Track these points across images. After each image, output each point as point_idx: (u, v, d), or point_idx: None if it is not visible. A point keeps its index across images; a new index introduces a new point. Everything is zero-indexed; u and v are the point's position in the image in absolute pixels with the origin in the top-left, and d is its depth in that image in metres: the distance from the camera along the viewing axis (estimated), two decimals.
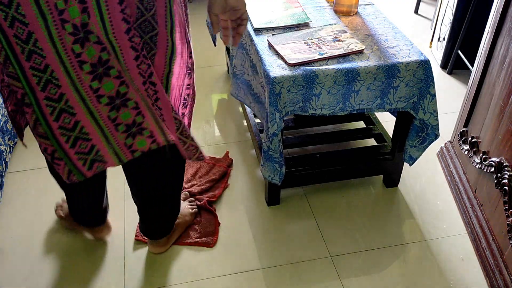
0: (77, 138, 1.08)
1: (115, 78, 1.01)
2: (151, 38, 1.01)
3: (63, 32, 0.91)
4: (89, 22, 0.91)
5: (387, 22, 1.66)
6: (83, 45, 0.94)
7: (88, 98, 1.02)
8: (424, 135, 1.57)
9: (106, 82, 1.01)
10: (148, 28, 0.99)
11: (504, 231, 1.42)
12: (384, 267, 1.53)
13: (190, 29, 1.18)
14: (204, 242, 1.60)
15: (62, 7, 0.88)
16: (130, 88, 1.04)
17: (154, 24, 1.00)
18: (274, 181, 1.58)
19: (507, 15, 1.47)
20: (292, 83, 1.39)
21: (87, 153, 1.11)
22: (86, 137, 1.09)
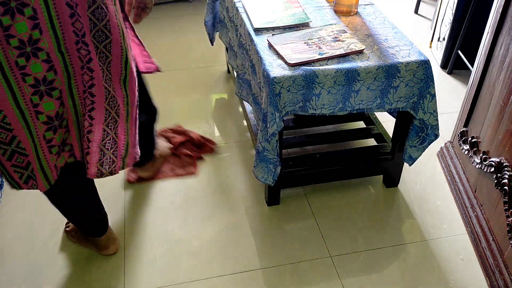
0: (14, 152, 1.09)
1: (56, 99, 1.05)
2: (105, 47, 1.06)
3: (8, 47, 0.94)
4: (40, 38, 0.96)
5: (387, 22, 1.66)
6: (28, 59, 0.97)
7: (28, 113, 1.03)
8: (424, 135, 1.57)
9: (47, 102, 1.04)
10: (101, 38, 1.04)
11: (504, 231, 1.42)
12: (384, 267, 1.53)
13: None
14: (187, 172, 1.86)
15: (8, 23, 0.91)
16: (68, 109, 1.09)
17: (107, 32, 1.05)
18: (267, 182, 1.58)
19: (507, 15, 1.47)
20: (292, 83, 1.39)
21: (25, 167, 1.12)
22: (23, 152, 1.09)
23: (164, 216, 1.71)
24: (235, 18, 1.81)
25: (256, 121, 1.73)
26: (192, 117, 2.20)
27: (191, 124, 2.15)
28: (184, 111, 2.24)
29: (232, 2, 1.82)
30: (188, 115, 2.22)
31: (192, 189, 1.82)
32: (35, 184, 1.16)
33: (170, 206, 1.75)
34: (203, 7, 3.09)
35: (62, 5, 0.94)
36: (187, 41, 2.79)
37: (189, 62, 2.61)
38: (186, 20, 3.02)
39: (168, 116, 2.20)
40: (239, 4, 1.77)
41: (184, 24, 2.98)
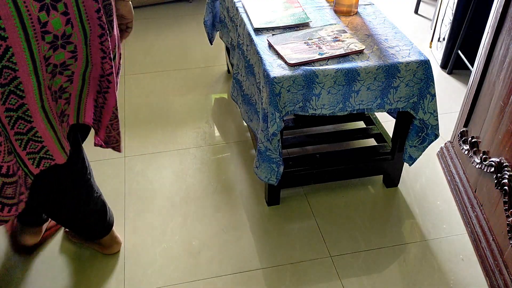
0: (29, 140, 1.10)
1: (66, 76, 1.10)
2: (110, 23, 1.12)
3: (42, 43, 0.97)
4: (72, 33, 1.00)
5: (387, 22, 1.66)
6: (55, 50, 1.01)
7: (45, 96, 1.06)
8: (424, 135, 1.57)
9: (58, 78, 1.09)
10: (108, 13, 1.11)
11: (504, 231, 1.42)
12: (384, 267, 1.53)
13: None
14: None
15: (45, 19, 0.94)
16: (74, 83, 1.14)
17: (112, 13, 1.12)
18: (271, 182, 1.58)
19: (507, 15, 1.47)
20: (292, 83, 1.39)
21: (37, 152, 1.14)
22: (39, 139, 1.12)
23: (164, 216, 1.71)
24: (235, 18, 1.81)
25: (246, 122, 1.73)
26: (192, 117, 2.20)
27: (191, 124, 2.15)
28: (184, 111, 2.24)
29: (232, 2, 1.82)
30: (188, 115, 2.22)
31: (192, 189, 1.82)
32: (47, 162, 1.17)
33: (170, 206, 1.75)
34: (203, 7, 3.08)
35: (88, 1, 1.00)
36: (187, 41, 2.79)
37: (189, 62, 2.61)
38: (186, 20, 3.02)
39: (168, 116, 2.21)
40: (239, 4, 1.77)
41: (184, 24, 2.98)
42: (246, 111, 1.70)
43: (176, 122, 2.16)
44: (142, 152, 2.00)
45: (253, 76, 1.59)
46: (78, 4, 0.99)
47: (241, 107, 1.72)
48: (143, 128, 2.13)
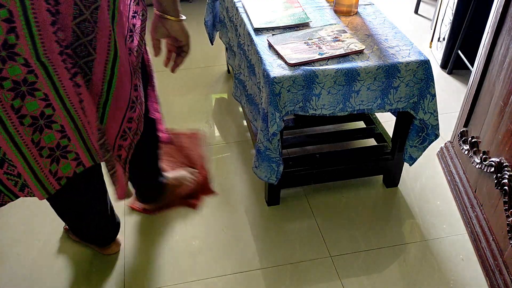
0: (3, 160, 1.00)
1: (40, 99, 0.95)
2: (86, 64, 0.96)
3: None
4: (17, 44, 0.85)
5: (387, 22, 1.66)
6: (5, 62, 0.87)
7: (8, 120, 0.94)
8: (424, 135, 1.57)
9: (30, 102, 0.94)
10: (83, 53, 0.94)
11: (504, 231, 1.42)
12: (384, 267, 1.53)
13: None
14: (189, 204, 1.74)
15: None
16: (57, 110, 0.98)
17: (91, 50, 0.94)
18: (271, 181, 1.58)
19: (507, 15, 1.47)
20: (292, 83, 1.39)
21: (17, 176, 1.04)
22: (11, 163, 1.01)
23: (164, 216, 1.71)
24: (235, 18, 1.81)
25: (251, 121, 1.73)
26: (192, 117, 2.20)
27: (191, 124, 2.15)
28: (184, 111, 2.24)
29: (232, 2, 1.82)
30: (188, 115, 2.22)
31: None
32: (31, 192, 1.08)
33: None
34: (203, 7, 3.08)
35: (41, 10, 0.84)
36: None
37: (189, 62, 2.61)
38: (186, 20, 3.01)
39: (168, 116, 2.20)
40: (239, 4, 1.77)
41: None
42: (251, 111, 1.70)
43: (176, 122, 2.16)
44: None
45: (254, 76, 1.59)
46: (27, 12, 0.83)
47: (246, 107, 1.72)
48: None
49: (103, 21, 0.92)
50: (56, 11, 0.85)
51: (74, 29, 0.90)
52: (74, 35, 0.91)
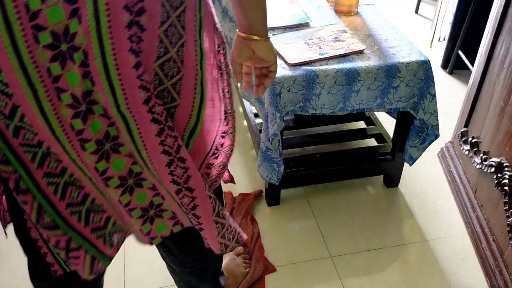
0: (89, 212, 0.84)
1: (126, 156, 0.79)
2: (168, 111, 0.79)
3: (59, 104, 0.69)
4: (93, 90, 0.69)
5: (388, 22, 1.66)
6: (86, 119, 0.71)
7: (94, 180, 0.80)
8: (424, 135, 1.57)
9: (115, 160, 0.79)
10: (165, 99, 0.78)
11: (504, 231, 1.42)
12: (384, 267, 1.53)
13: None
14: None
15: (57, 72, 0.66)
16: (145, 170, 0.82)
17: (175, 95, 0.79)
18: (272, 181, 1.58)
19: (507, 15, 1.47)
20: (292, 83, 1.39)
21: (103, 227, 0.88)
22: (99, 208, 0.86)
23: None
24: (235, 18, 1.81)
25: (261, 119, 1.72)
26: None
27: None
28: None
29: None
30: None
31: None
32: (121, 236, 0.93)
33: None
34: None
35: (123, 51, 0.68)
36: None
37: None
38: None
39: None
40: None
41: None
42: (260, 109, 1.70)
43: None
44: None
45: None
46: (105, 55, 0.67)
47: (256, 106, 1.71)
48: None
49: (190, 60, 0.78)
50: (139, 50, 0.69)
51: (156, 72, 0.73)
52: (156, 78, 0.74)
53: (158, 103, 0.73)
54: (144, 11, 0.67)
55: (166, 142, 0.76)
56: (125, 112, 0.72)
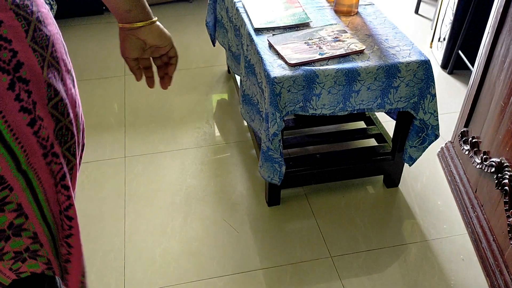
0: None
1: (11, 211, 0.72)
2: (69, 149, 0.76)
3: None
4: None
5: (388, 22, 1.66)
6: None
7: None
8: (424, 135, 1.57)
9: None
10: (66, 137, 0.75)
11: (504, 231, 1.42)
12: (384, 267, 1.53)
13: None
14: None
15: None
16: (31, 218, 0.75)
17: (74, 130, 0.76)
18: (273, 181, 1.58)
19: (507, 15, 1.47)
20: (292, 83, 1.39)
21: None
22: None
23: (164, 216, 1.71)
24: (235, 18, 1.81)
25: (248, 122, 1.72)
26: (192, 117, 2.20)
27: (192, 124, 2.15)
28: (184, 111, 2.24)
29: (232, 2, 1.82)
30: (188, 115, 2.22)
31: (192, 189, 1.82)
32: None
33: (170, 206, 1.75)
34: (203, 7, 3.08)
35: (11, 114, 0.63)
36: (187, 41, 2.79)
37: (189, 62, 2.61)
38: (186, 20, 3.02)
39: (168, 116, 2.20)
40: (239, 4, 1.77)
41: (184, 24, 2.98)
42: (248, 111, 1.70)
43: (176, 122, 2.16)
44: (142, 152, 1.99)
45: (254, 76, 1.59)
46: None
47: (242, 108, 1.72)
48: (143, 128, 2.13)
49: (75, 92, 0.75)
50: (32, 103, 0.65)
51: (52, 113, 0.70)
52: (54, 119, 0.70)
53: (56, 159, 0.71)
54: (22, 63, 0.63)
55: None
56: (26, 168, 0.68)
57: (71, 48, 3.02)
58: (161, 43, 0.82)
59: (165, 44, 0.82)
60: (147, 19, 0.79)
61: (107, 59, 2.60)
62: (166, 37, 0.82)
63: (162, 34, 0.81)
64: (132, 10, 0.77)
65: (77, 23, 3.00)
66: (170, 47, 0.84)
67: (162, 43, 0.82)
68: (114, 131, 2.10)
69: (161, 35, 0.81)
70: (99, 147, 2.00)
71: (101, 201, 1.76)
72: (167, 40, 0.82)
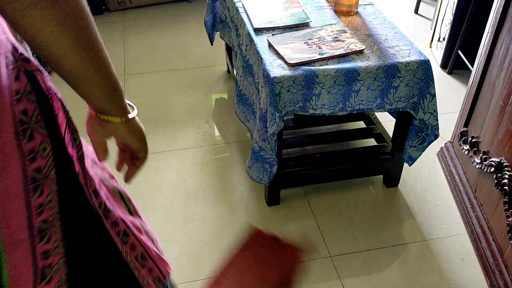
0: None
1: None
2: None
3: None
4: None
5: (387, 22, 1.66)
6: None
7: None
8: (424, 135, 1.57)
9: None
10: None
11: (504, 231, 1.42)
12: (384, 267, 1.53)
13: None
14: None
15: None
16: None
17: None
18: (262, 182, 1.58)
19: (507, 15, 1.47)
20: (292, 83, 1.39)
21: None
22: None
23: (164, 216, 1.71)
24: (235, 18, 1.81)
25: (242, 122, 1.72)
26: (192, 117, 2.20)
27: (191, 124, 2.15)
28: (184, 111, 2.24)
29: (232, 2, 1.82)
30: (188, 115, 2.22)
31: (192, 189, 1.82)
32: None
33: (170, 206, 1.75)
34: (203, 7, 3.08)
35: None
36: (187, 41, 2.79)
37: (189, 62, 2.61)
38: (186, 20, 3.02)
39: (168, 116, 2.21)
40: (239, 4, 1.77)
41: (184, 24, 2.98)
42: (243, 111, 1.70)
43: (176, 122, 2.16)
44: None
45: (251, 76, 1.59)
46: None
47: (237, 108, 1.72)
48: None
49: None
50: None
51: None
52: None
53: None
54: None
55: None
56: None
57: None
58: (131, 145, 0.69)
59: (136, 146, 0.70)
60: (120, 116, 0.65)
61: None
62: (139, 139, 0.69)
63: (136, 135, 0.68)
64: (100, 103, 0.63)
65: None
66: (140, 150, 0.71)
67: (131, 144, 0.69)
68: None
69: (134, 136, 0.68)
70: None
71: None
72: (139, 144, 0.69)
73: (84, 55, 0.56)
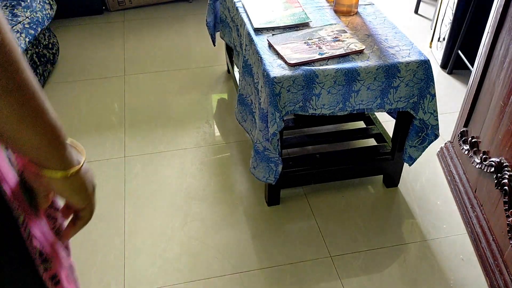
0: None
1: None
2: None
3: None
4: None
5: (387, 22, 1.66)
6: None
7: None
8: (424, 135, 1.57)
9: None
10: None
11: (504, 231, 1.42)
12: (384, 267, 1.53)
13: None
14: None
15: None
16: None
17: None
18: (269, 181, 1.58)
19: (507, 15, 1.47)
20: (292, 83, 1.39)
21: None
22: None
23: (164, 216, 1.71)
24: (235, 18, 1.81)
25: (240, 122, 1.72)
26: (192, 117, 2.20)
27: (191, 124, 2.15)
28: (184, 111, 2.24)
29: (232, 2, 1.82)
30: (188, 115, 2.22)
31: (192, 189, 1.82)
32: None
33: (170, 206, 1.75)
34: (203, 7, 3.09)
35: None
36: (187, 41, 2.79)
37: (189, 62, 2.61)
38: (186, 20, 3.02)
39: (168, 116, 2.21)
40: (239, 4, 1.77)
41: (184, 24, 2.98)
42: (240, 111, 1.70)
43: (176, 122, 2.16)
44: (142, 152, 2.00)
45: (250, 76, 1.59)
46: None
47: (236, 108, 1.72)
48: (143, 128, 2.13)
49: None
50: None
51: None
52: None
53: None
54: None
55: None
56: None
57: (71, 49, 3.02)
58: (73, 202, 0.60)
59: (77, 204, 0.61)
60: (60, 169, 0.55)
61: (107, 59, 2.60)
62: (81, 196, 0.59)
63: (78, 191, 0.59)
64: (43, 161, 0.54)
65: (77, 23, 3.00)
66: (83, 210, 0.62)
67: (73, 203, 0.60)
68: (114, 131, 2.10)
69: (75, 192, 0.58)
70: (99, 147, 2.01)
71: (101, 201, 1.76)
72: (82, 201, 0.60)
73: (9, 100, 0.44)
